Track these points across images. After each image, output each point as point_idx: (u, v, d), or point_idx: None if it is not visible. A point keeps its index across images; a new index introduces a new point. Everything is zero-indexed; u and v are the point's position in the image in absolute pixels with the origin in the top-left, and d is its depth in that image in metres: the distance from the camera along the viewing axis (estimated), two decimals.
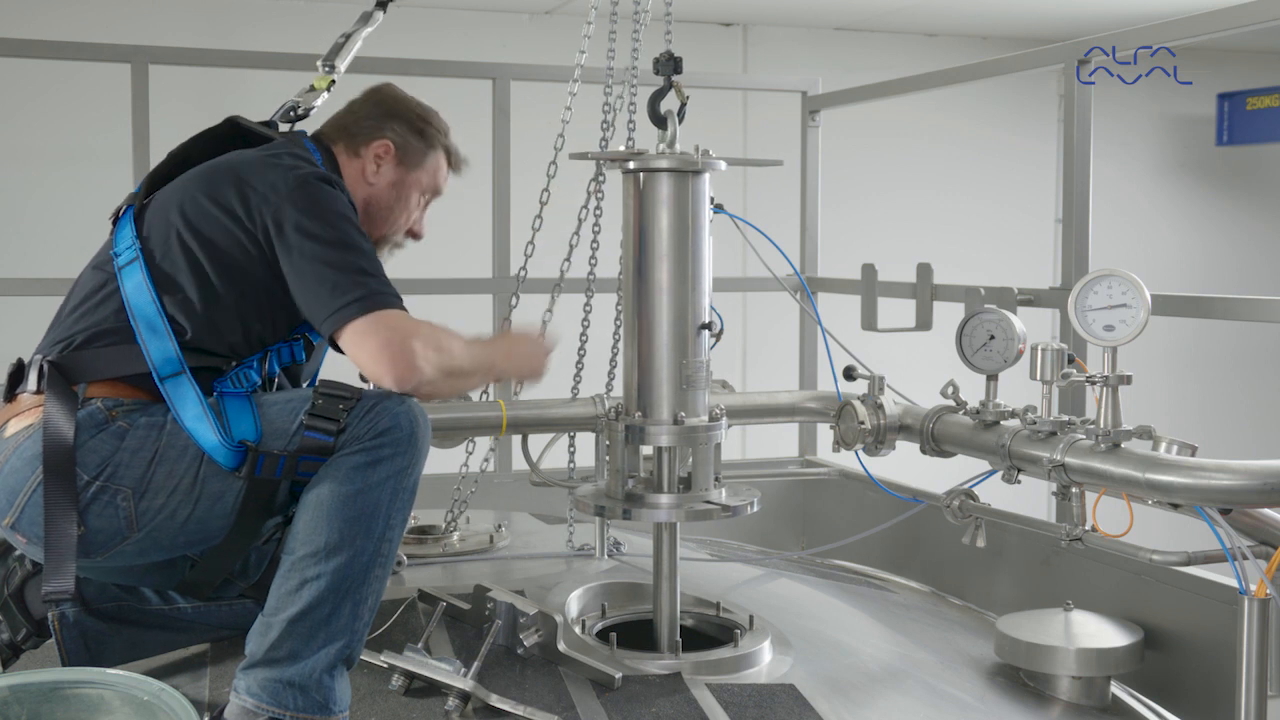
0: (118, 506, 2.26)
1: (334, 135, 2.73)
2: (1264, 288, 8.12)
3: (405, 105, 2.78)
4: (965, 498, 3.05)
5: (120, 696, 2.18)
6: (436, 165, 2.81)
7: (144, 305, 2.36)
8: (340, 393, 2.32)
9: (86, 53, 4.74)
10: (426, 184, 2.79)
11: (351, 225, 2.42)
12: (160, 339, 2.34)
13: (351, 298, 2.33)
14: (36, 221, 6.32)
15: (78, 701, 2.19)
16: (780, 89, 5.60)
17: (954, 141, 7.83)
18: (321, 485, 2.28)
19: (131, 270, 2.40)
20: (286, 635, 2.25)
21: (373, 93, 2.80)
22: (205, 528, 2.33)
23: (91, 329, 2.38)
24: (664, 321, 2.64)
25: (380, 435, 2.29)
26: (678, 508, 2.66)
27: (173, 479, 2.27)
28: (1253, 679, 2.51)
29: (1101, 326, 2.68)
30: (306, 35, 6.49)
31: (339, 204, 2.44)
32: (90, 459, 2.25)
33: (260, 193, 2.40)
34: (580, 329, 3.42)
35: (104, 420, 2.28)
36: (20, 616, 2.49)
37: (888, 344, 4.18)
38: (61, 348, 2.37)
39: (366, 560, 2.28)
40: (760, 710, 2.47)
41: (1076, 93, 3.64)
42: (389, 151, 2.72)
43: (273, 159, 2.48)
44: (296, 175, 2.43)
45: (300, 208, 2.39)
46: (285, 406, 2.33)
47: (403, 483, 2.31)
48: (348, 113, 2.77)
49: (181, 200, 2.46)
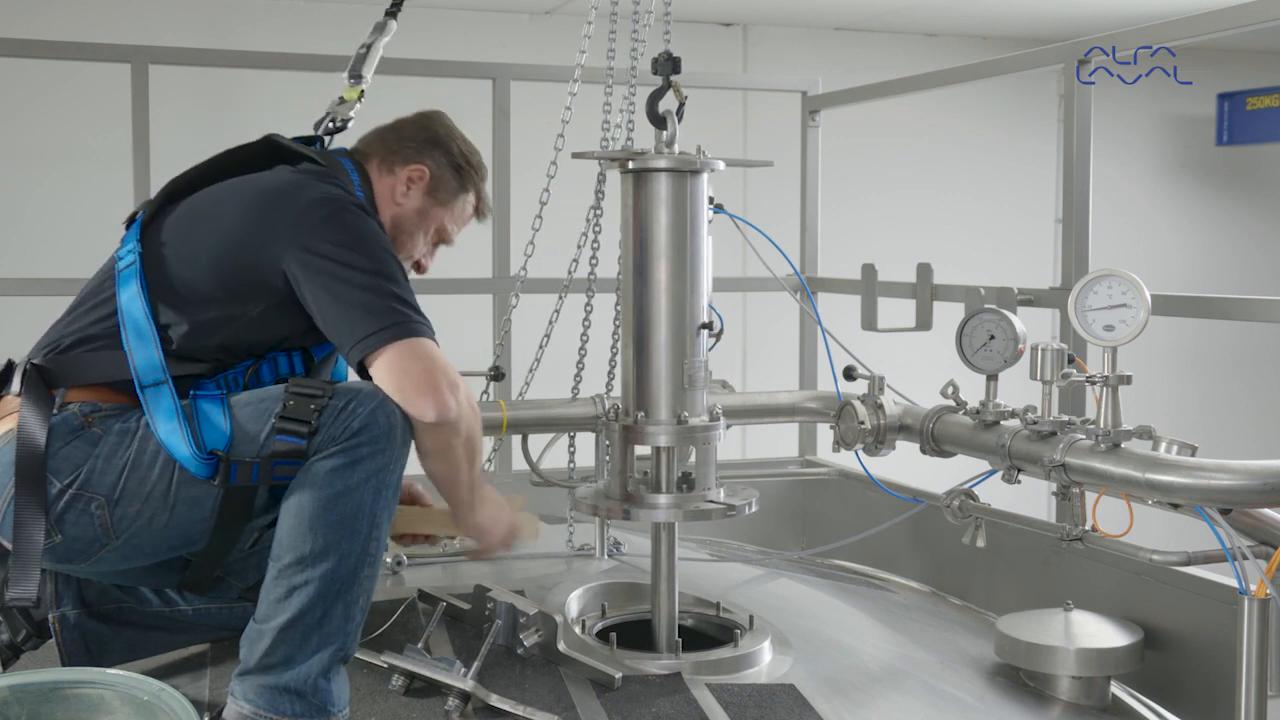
0: (92, 514, 2.24)
1: (372, 150, 2.69)
2: (1264, 288, 8.12)
3: (451, 138, 2.75)
4: (965, 498, 3.05)
5: (120, 696, 2.18)
6: (464, 207, 2.77)
7: (135, 313, 2.34)
8: (311, 391, 2.26)
9: (86, 53, 4.73)
10: (448, 222, 2.76)
11: (385, 251, 2.40)
12: (146, 347, 2.31)
13: (385, 324, 2.29)
14: (36, 222, 6.32)
15: (78, 701, 2.19)
16: (780, 89, 5.60)
17: (954, 141, 7.82)
18: (301, 491, 2.24)
19: (128, 276, 2.38)
20: (279, 642, 2.24)
21: (424, 117, 2.77)
22: (185, 533, 2.31)
23: (79, 333, 2.38)
24: (663, 321, 2.63)
25: (356, 434, 2.24)
26: (676, 508, 2.66)
27: (146, 485, 2.25)
28: (1253, 679, 2.51)
29: (1101, 326, 2.68)
30: (306, 35, 6.51)
31: (371, 229, 2.41)
32: (63, 466, 2.23)
33: (288, 214, 2.37)
34: (580, 329, 3.43)
35: (79, 426, 2.27)
36: (20, 618, 2.48)
37: (888, 344, 4.18)
38: (48, 351, 2.37)
39: (354, 562, 2.25)
40: (760, 710, 2.47)
41: (1076, 93, 3.64)
42: (423, 178, 2.69)
43: (304, 182, 2.45)
44: (328, 198, 2.41)
45: (330, 232, 2.35)
46: (256, 408, 2.29)
47: (385, 480, 2.27)
48: (393, 129, 2.73)
49: (196, 213, 2.45)
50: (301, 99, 6.36)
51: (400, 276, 2.39)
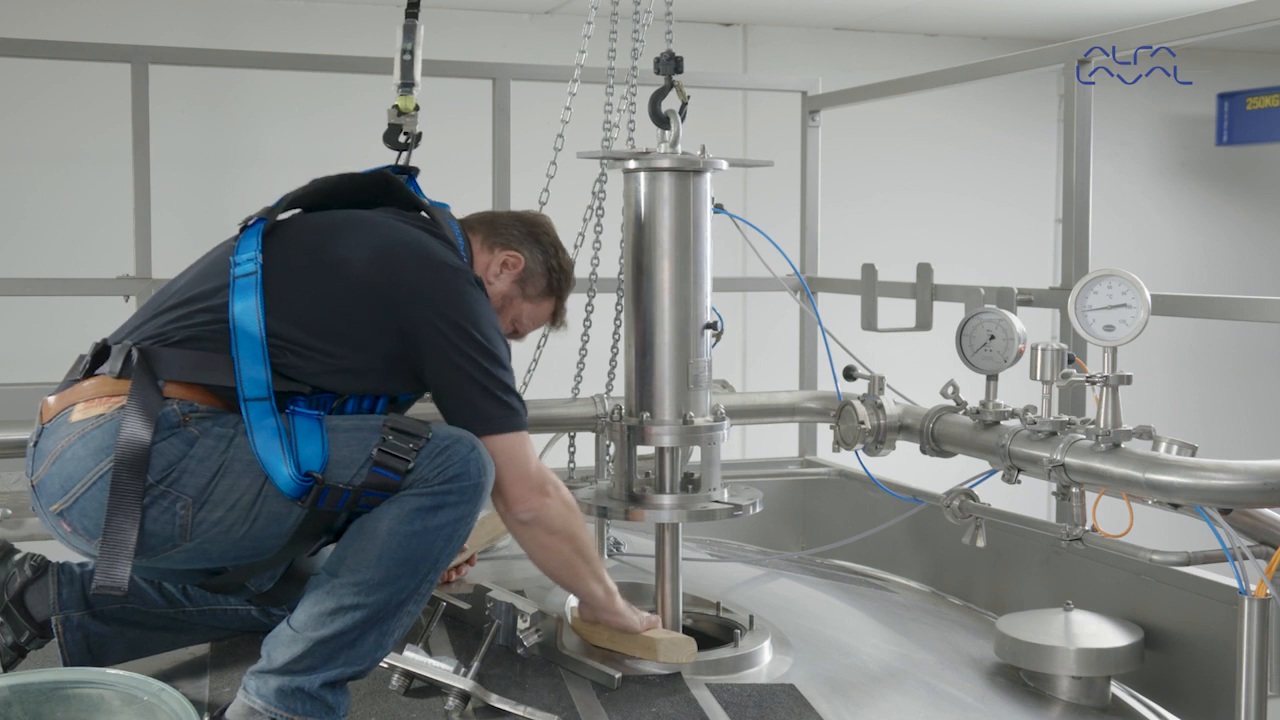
0: (175, 513, 2.23)
1: (477, 227, 2.75)
2: (1264, 288, 8.12)
3: (551, 242, 2.80)
4: (965, 498, 3.06)
5: (120, 696, 2.19)
6: (543, 309, 2.82)
7: (249, 324, 2.33)
8: (410, 429, 2.31)
9: (86, 53, 4.73)
10: (525, 318, 2.81)
11: (498, 334, 2.47)
12: (255, 363, 2.30)
13: (494, 414, 2.40)
14: (35, 221, 6.32)
15: (78, 701, 2.19)
16: (780, 89, 5.60)
17: (954, 141, 7.82)
18: (381, 520, 2.27)
19: (245, 286, 2.36)
20: (311, 652, 2.26)
21: (534, 215, 2.86)
22: (258, 545, 2.31)
23: (189, 331, 2.35)
24: (666, 321, 2.64)
25: (449, 481, 2.28)
26: (681, 508, 2.66)
27: (234, 493, 2.25)
28: (1253, 679, 2.51)
29: (1101, 326, 2.68)
30: (306, 35, 6.51)
31: (489, 311, 2.49)
32: (157, 461, 2.22)
33: (422, 276, 2.42)
34: (581, 329, 3.43)
35: (176, 423, 2.25)
36: (22, 620, 2.48)
37: (888, 344, 4.18)
38: (153, 341, 2.34)
39: (404, 597, 2.29)
40: (760, 710, 2.47)
41: (1076, 93, 3.64)
42: (517, 266, 2.74)
43: (433, 247, 2.50)
44: (458, 270, 2.47)
45: (457, 306, 2.42)
46: (354, 436, 2.30)
47: (460, 530, 2.32)
48: (501, 214, 2.83)
49: (325, 241, 2.46)
50: (300, 98, 6.42)
51: (506, 357, 2.47)
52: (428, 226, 2.58)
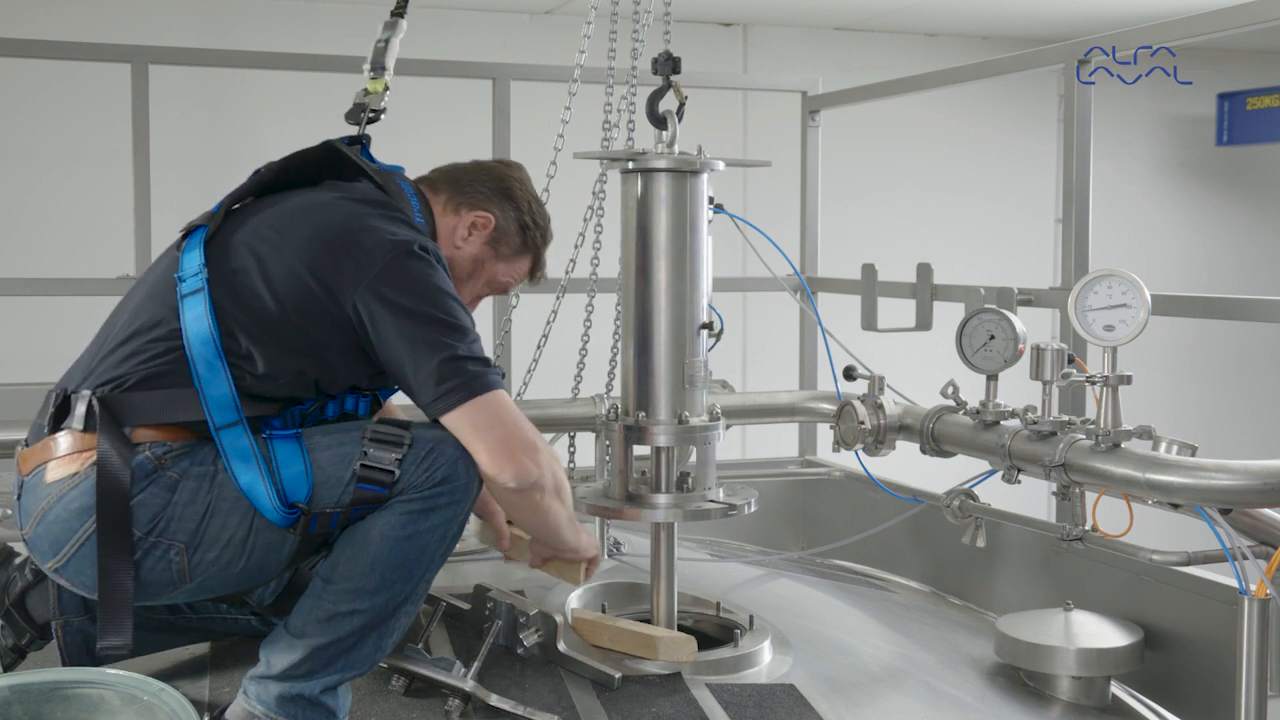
0: (171, 560, 2.21)
1: (440, 186, 2.61)
2: (1264, 288, 8.12)
3: (524, 194, 2.67)
4: (965, 498, 3.06)
5: (120, 696, 2.18)
6: (520, 266, 2.70)
7: (203, 343, 2.24)
8: (391, 437, 2.23)
9: (86, 53, 4.73)
10: (501, 277, 2.68)
11: (450, 298, 2.32)
12: (218, 381, 2.23)
13: (456, 383, 2.25)
14: (35, 221, 6.32)
15: (78, 701, 2.19)
16: (780, 89, 5.60)
17: (954, 141, 7.82)
18: (373, 526, 2.24)
19: (195, 302, 2.27)
20: (309, 659, 2.26)
21: (502, 165, 2.71)
22: (258, 574, 2.30)
23: (146, 369, 2.26)
24: (663, 321, 2.64)
25: (438, 485, 2.24)
26: (676, 508, 2.66)
27: (226, 531, 2.22)
28: (1253, 679, 2.51)
29: (1101, 326, 2.68)
30: (306, 35, 6.51)
31: (438, 277, 2.33)
32: (142, 514, 2.18)
33: (354, 259, 2.29)
34: (581, 329, 3.43)
35: (153, 470, 2.20)
36: (23, 623, 2.48)
37: (888, 344, 4.18)
38: (112, 386, 2.25)
39: (401, 600, 2.28)
40: (760, 710, 2.47)
41: (1076, 93, 3.64)
42: (487, 226, 2.60)
43: (370, 221, 2.36)
44: (395, 243, 2.32)
45: (397, 281, 2.28)
46: (336, 453, 2.24)
47: (451, 530, 2.29)
48: (468, 169, 2.65)
49: (263, 240, 2.34)
50: (301, 99, 6.42)
51: (464, 320, 2.32)
52: (372, 197, 2.45)
